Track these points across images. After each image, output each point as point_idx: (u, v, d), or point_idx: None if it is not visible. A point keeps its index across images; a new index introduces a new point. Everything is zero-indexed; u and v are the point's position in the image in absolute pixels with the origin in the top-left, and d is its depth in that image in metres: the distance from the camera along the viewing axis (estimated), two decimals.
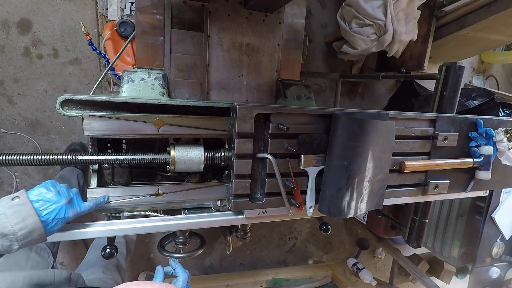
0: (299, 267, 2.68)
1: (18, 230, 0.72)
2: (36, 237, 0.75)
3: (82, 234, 0.90)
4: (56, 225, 0.79)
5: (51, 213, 0.77)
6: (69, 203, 0.83)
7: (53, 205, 0.78)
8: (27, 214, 0.73)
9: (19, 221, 0.72)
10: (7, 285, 0.97)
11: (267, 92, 1.40)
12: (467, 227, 2.19)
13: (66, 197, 0.82)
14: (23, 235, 0.72)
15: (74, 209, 0.83)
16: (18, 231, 0.72)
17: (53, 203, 0.78)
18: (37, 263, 1.21)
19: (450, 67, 1.39)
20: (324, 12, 2.40)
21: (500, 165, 1.34)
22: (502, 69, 3.27)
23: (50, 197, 0.79)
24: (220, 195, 1.08)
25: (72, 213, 0.82)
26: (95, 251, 1.53)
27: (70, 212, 0.81)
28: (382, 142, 1.04)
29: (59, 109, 0.86)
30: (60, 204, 0.80)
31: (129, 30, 1.73)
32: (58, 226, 0.79)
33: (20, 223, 0.72)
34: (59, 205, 0.79)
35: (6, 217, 0.71)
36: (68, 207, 0.81)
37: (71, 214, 0.82)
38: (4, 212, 0.71)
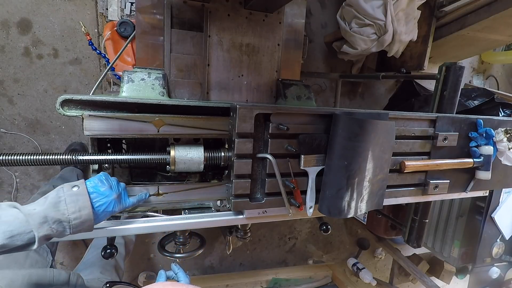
0: (299, 267, 2.68)
1: (73, 219, 0.76)
2: (85, 227, 0.79)
3: (82, 234, 0.89)
4: (103, 218, 0.83)
5: (102, 206, 0.82)
6: (118, 198, 0.86)
7: (105, 198, 0.82)
8: (83, 205, 0.77)
9: (76, 211, 0.76)
10: (7, 283, 0.97)
11: (267, 92, 1.40)
12: (467, 227, 2.19)
13: (117, 192, 0.86)
14: (76, 224, 0.76)
15: (121, 204, 0.87)
16: (73, 220, 0.76)
17: (105, 196, 0.83)
18: (36, 262, 1.21)
19: (450, 67, 1.39)
20: (324, 12, 2.40)
21: (500, 165, 1.34)
22: (502, 69, 3.27)
23: (103, 190, 0.83)
24: (220, 195, 1.08)
25: (118, 208, 0.86)
26: (94, 251, 1.53)
27: (117, 207, 0.85)
28: (382, 142, 1.04)
29: (59, 109, 0.86)
30: (111, 198, 0.84)
31: (129, 30, 1.73)
32: (104, 218, 0.83)
33: (76, 212, 0.76)
34: (110, 199, 0.83)
35: (65, 205, 0.75)
36: (117, 202, 0.85)
37: (117, 209, 0.86)
38: (65, 199, 0.76)
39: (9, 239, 0.69)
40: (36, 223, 0.73)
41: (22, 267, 1.11)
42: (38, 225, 0.73)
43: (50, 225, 0.74)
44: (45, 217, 0.74)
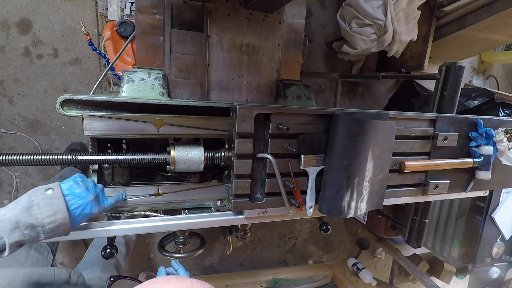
0: (299, 267, 2.68)
1: (48, 223, 0.73)
2: (61, 231, 0.76)
3: (82, 234, 0.90)
4: (81, 221, 0.80)
5: (78, 208, 0.78)
6: (96, 199, 0.84)
7: (81, 200, 0.79)
8: (58, 208, 0.74)
9: (50, 215, 0.73)
10: (7, 281, 0.97)
11: (267, 92, 1.40)
12: (467, 227, 2.19)
13: (94, 193, 0.83)
14: (51, 229, 0.73)
15: (99, 205, 0.84)
16: (48, 224, 0.73)
17: (81, 198, 0.80)
18: (37, 261, 1.21)
19: (450, 67, 1.39)
20: (324, 12, 2.39)
21: (500, 165, 1.34)
22: (502, 69, 3.27)
23: (79, 192, 0.80)
24: (220, 195, 1.08)
25: (97, 210, 0.83)
26: (94, 251, 1.53)
27: (95, 209, 0.82)
28: (382, 142, 1.04)
29: (59, 109, 0.87)
30: (88, 200, 0.81)
31: (129, 30, 1.73)
32: (82, 221, 0.81)
33: (50, 216, 0.73)
34: (87, 201, 0.80)
35: (39, 209, 0.72)
36: (94, 203, 0.82)
37: (95, 211, 0.83)
38: (38, 202, 0.73)
39: None
40: (7, 229, 0.69)
41: (23, 266, 1.11)
42: (9, 231, 0.69)
43: (22, 231, 0.70)
44: (17, 223, 0.70)
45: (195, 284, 0.46)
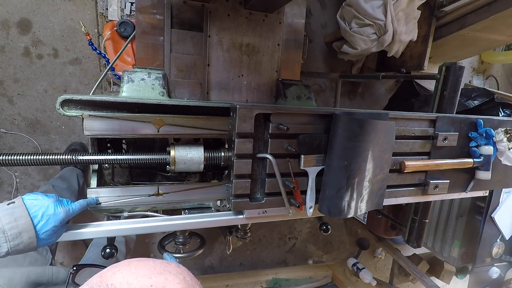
0: (299, 267, 2.68)
1: (9, 229, 0.70)
2: (25, 239, 0.73)
3: (82, 234, 0.90)
4: (47, 224, 0.76)
5: (39, 210, 0.76)
6: (58, 201, 0.82)
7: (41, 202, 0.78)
8: (20, 215, 0.72)
9: (11, 221, 0.71)
10: (5, 281, 0.96)
11: (267, 92, 1.40)
12: (467, 227, 2.19)
13: (55, 198, 0.82)
14: (13, 235, 0.71)
15: (64, 207, 0.81)
16: (9, 230, 0.70)
17: (40, 200, 0.78)
18: (36, 260, 1.21)
19: (450, 67, 1.39)
20: (324, 12, 2.40)
21: (500, 165, 1.34)
22: (502, 69, 3.27)
23: (40, 198, 0.79)
24: (220, 195, 1.08)
25: (63, 212, 0.80)
26: (94, 250, 1.53)
27: (59, 208, 0.79)
28: (382, 142, 1.04)
29: (59, 109, 0.86)
30: (50, 201, 0.79)
31: (129, 30, 1.73)
32: (49, 227, 0.77)
33: (11, 222, 0.71)
34: (47, 201, 0.79)
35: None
36: (57, 204, 0.80)
37: (61, 211, 0.79)
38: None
39: None
40: None
41: (21, 266, 1.10)
42: None
43: None
44: None
45: (158, 266, 0.44)
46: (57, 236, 0.82)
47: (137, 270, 0.42)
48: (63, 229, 0.84)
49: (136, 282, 0.40)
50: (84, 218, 1.70)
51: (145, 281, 0.40)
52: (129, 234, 1.57)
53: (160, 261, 0.46)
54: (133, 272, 0.42)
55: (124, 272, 0.42)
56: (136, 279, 0.41)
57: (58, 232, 0.81)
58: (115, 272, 0.42)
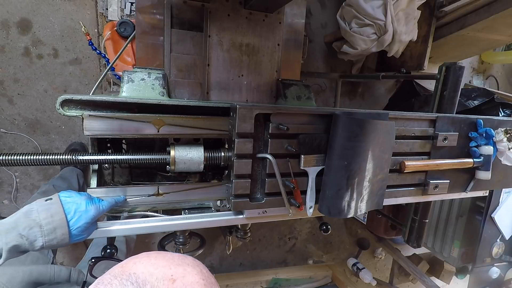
0: (299, 267, 2.68)
1: (45, 224, 0.75)
2: (59, 235, 0.77)
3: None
4: (79, 221, 0.80)
5: (72, 206, 0.80)
6: (89, 198, 0.86)
7: (75, 203, 0.82)
8: (55, 211, 0.77)
9: (47, 217, 0.76)
10: (7, 279, 0.97)
11: (267, 92, 1.40)
12: (467, 227, 2.19)
13: (86, 195, 0.86)
14: (49, 230, 0.75)
15: (95, 205, 0.85)
16: (45, 225, 0.75)
17: (73, 197, 0.83)
18: (37, 259, 1.21)
19: (450, 67, 1.39)
20: (324, 12, 2.40)
21: (500, 165, 1.34)
22: (502, 69, 3.27)
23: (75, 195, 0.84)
24: (220, 195, 1.08)
25: (94, 209, 0.84)
26: (95, 249, 1.53)
27: (90, 205, 0.84)
28: (382, 142, 1.04)
29: (59, 109, 0.86)
30: (81, 198, 0.84)
31: (129, 30, 1.73)
32: (80, 224, 0.81)
33: (48, 218, 0.75)
34: (80, 199, 0.83)
35: (38, 213, 0.75)
36: (88, 201, 0.84)
37: (92, 209, 0.84)
38: (37, 208, 0.76)
39: None
40: (4, 229, 0.71)
41: (23, 264, 1.10)
42: (6, 231, 0.71)
43: (19, 232, 0.72)
44: (15, 223, 0.72)
45: (176, 258, 0.46)
46: (88, 233, 0.85)
47: (156, 261, 0.44)
48: (93, 226, 0.87)
49: (157, 272, 0.41)
50: None
51: (165, 271, 0.42)
52: (129, 234, 1.57)
53: (177, 254, 0.48)
54: (153, 263, 0.43)
55: (144, 262, 0.43)
56: (156, 269, 0.42)
57: (89, 229, 0.85)
58: (136, 263, 0.43)
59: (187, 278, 0.42)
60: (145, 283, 0.39)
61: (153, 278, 0.40)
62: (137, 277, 0.40)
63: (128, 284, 0.39)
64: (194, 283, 0.42)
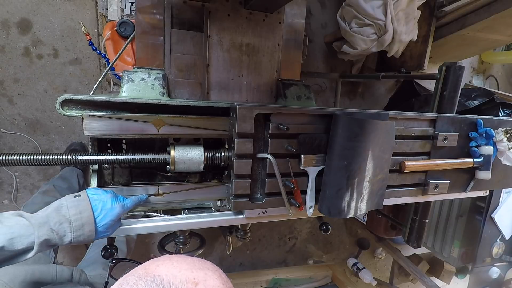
0: (299, 267, 2.68)
1: (74, 221, 0.78)
2: (87, 232, 0.80)
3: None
4: (105, 219, 0.83)
5: (99, 204, 0.83)
6: (114, 196, 0.88)
7: (101, 200, 0.84)
8: (84, 208, 0.80)
9: (76, 213, 0.78)
10: (9, 278, 0.96)
11: (267, 92, 1.40)
12: (467, 227, 2.19)
13: (111, 193, 0.88)
14: (77, 226, 0.78)
15: (119, 203, 0.87)
16: (74, 221, 0.77)
17: (100, 195, 0.86)
18: (39, 258, 1.21)
19: (450, 67, 1.39)
20: (324, 12, 2.40)
21: (500, 165, 1.34)
22: (502, 69, 3.27)
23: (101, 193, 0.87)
24: (220, 195, 1.08)
25: (119, 207, 0.86)
26: (96, 249, 1.53)
27: (116, 203, 0.86)
28: (382, 142, 1.04)
29: (59, 109, 0.86)
30: (107, 195, 0.86)
31: (129, 30, 1.73)
32: (106, 220, 0.83)
33: (77, 214, 0.78)
34: (106, 196, 0.86)
35: (67, 209, 0.78)
36: (114, 199, 0.86)
37: (118, 208, 0.86)
38: (66, 204, 0.79)
39: (9, 241, 0.69)
40: (37, 223, 0.73)
41: (25, 263, 1.10)
42: (39, 225, 0.73)
43: (50, 226, 0.75)
44: (47, 217, 0.75)
45: (197, 262, 0.47)
46: (112, 230, 0.87)
47: (179, 264, 0.45)
48: (118, 223, 0.89)
49: (180, 275, 0.43)
50: None
51: (188, 274, 0.43)
52: (129, 234, 1.57)
53: (197, 258, 0.49)
54: (175, 266, 0.44)
55: (167, 265, 0.45)
56: (179, 272, 0.43)
57: (113, 226, 0.87)
58: (159, 265, 0.45)
59: (208, 282, 0.43)
60: (170, 285, 0.41)
61: (177, 281, 0.42)
62: (161, 279, 0.41)
63: (153, 285, 0.40)
64: (215, 287, 0.43)
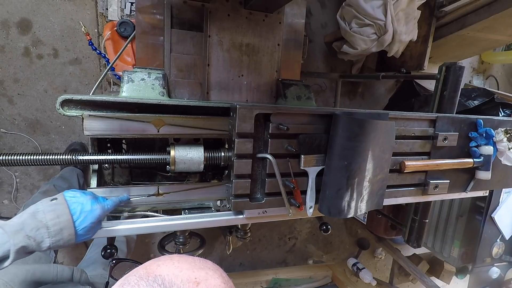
0: (299, 267, 2.68)
1: (52, 226, 0.74)
2: (66, 236, 0.77)
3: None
4: (85, 221, 0.80)
5: (77, 206, 0.80)
6: (94, 198, 0.85)
7: (80, 203, 0.81)
8: (62, 212, 0.77)
9: (54, 217, 0.75)
10: (10, 278, 0.97)
11: (267, 92, 1.40)
12: (467, 227, 2.19)
13: (91, 195, 0.86)
14: (55, 231, 0.75)
15: (100, 204, 0.85)
16: (52, 226, 0.74)
17: (78, 197, 0.83)
18: (40, 258, 1.21)
19: (450, 67, 1.39)
20: (324, 12, 2.40)
21: (500, 165, 1.34)
22: (502, 69, 3.27)
23: (79, 195, 0.84)
24: (220, 195, 1.08)
25: (99, 209, 0.83)
26: (96, 249, 1.53)
27: (96, 205, 0.83)
28: (382, 142, 1.04)
29: (59, 109, 0.86)
30: (86, 197, 0.83)
31: (129, 30, 1.73)
32: (86, 223, 0.80)
33: (54, 219, 0.75)
34: (85, 198, 0.83)
35: (44, 214, 0.75)
36: (93, 201, 0.84)
37: (98, 208, 0.83)
38: (43, 209, 0.76)
39: None
40: (12, 230, 0.71)
41: (26, 263, 1.10)
42: (14, 232, 0.71)
43: (26, 233, 0.72)
44: (22, 224, 0.72)
45: (198, 261, 0.47)
46: (93, 232, 0.85)
47: (180, 264, 0.45)
48: (98, 225, 0.87)
49: (182, 274, 0.43)
50: None
51: (189, 274, 0.43)
52: (129, 234, 1.57)
53: (198, 258, 0.49)
54: (176, 266, 0.44)
55: (168, 265, 0.45)
56: (181, 272, 0.43)
57: (94, 228, 0.85)
58: (160, 265, 0.45)
59: (209, 281, 0.43)
60: (172, 284, 0.41)
61: (178, 280, 0.42)
62: (163, 279, 0.41)
63: (155, 285, 0.40)
64: (217, 286, 0.43)
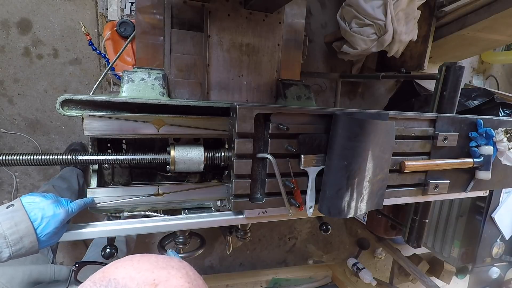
0: (299, 267, 2.68)
1: (10, 235, 0.69)
2: (27, 244, 0.72)
3: (82, 234, 0.90)
4: (47, 227, 0.75)
5: (38, 212, 0.75)
6: (56, 201, 0.80)
7: (40, 203, 0.77)
8: (20, 219, 0.71)
9: (12, 226, 0.70)
10: (7, 279, 0.97)
11: (267, 92, 1.40)
12: (467, 227, 2.19)
13: (53, 198, 0.81)
14: (15, 240, 0.70)
15: (63, 207, 0.80)
16: (10, 235, 0.69)
17: (38, 202, 0.77)
18: (37, 259, 1.21)
19: (450, 67, 1.39)
20: (324, 12, 2.40)
21: (500, 165, 1.34)
22: (502, 69, 3.27)
23: (39, 200, 0.78)
24: (220, 195, 1.08)
25: (63, 212, 0.79)
26: (95, 249, 1.53)
27: (59, 209, 0.78)
28: (382, 142, 1.04)
29: (59, 109, 0.86)
30: (47, 201, 0.78)
31: (129, 30, 1.73)
32: (50, 228, 0.76)
33: (12, 227, 0.70)
34: (46, 203, 0.77)
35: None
36: (56, 204, 0.79)
37: (61, 212, 0.78)
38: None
39: None
40: None
41: (23, 264, 1.10)
42: None
43: None
44: None
45: (161, 260, 0.44)
46: (58, 237, 0.81)
47: (139, 264, 0.43)
48: (63, 229, 0.83)
49: (139, 276, 0.40)
50: (85, 218, 1.70)
51: (148, 275, 0.41)
52: (129, 234, 1.57)
53: (162, 256, 0.46)
54: (135, 267, 0.42)
55: (126, 267, 0.42)
56: (139, 273, 0.41)
57: (58, 233, 0.80)
58: (118, 267, 0.42)
59: (170, 282, 0.41)
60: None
61: (133, 284, 0.39)
62: (117, 282, 0.39)
63: None
64: (178, 286, 0.41)
